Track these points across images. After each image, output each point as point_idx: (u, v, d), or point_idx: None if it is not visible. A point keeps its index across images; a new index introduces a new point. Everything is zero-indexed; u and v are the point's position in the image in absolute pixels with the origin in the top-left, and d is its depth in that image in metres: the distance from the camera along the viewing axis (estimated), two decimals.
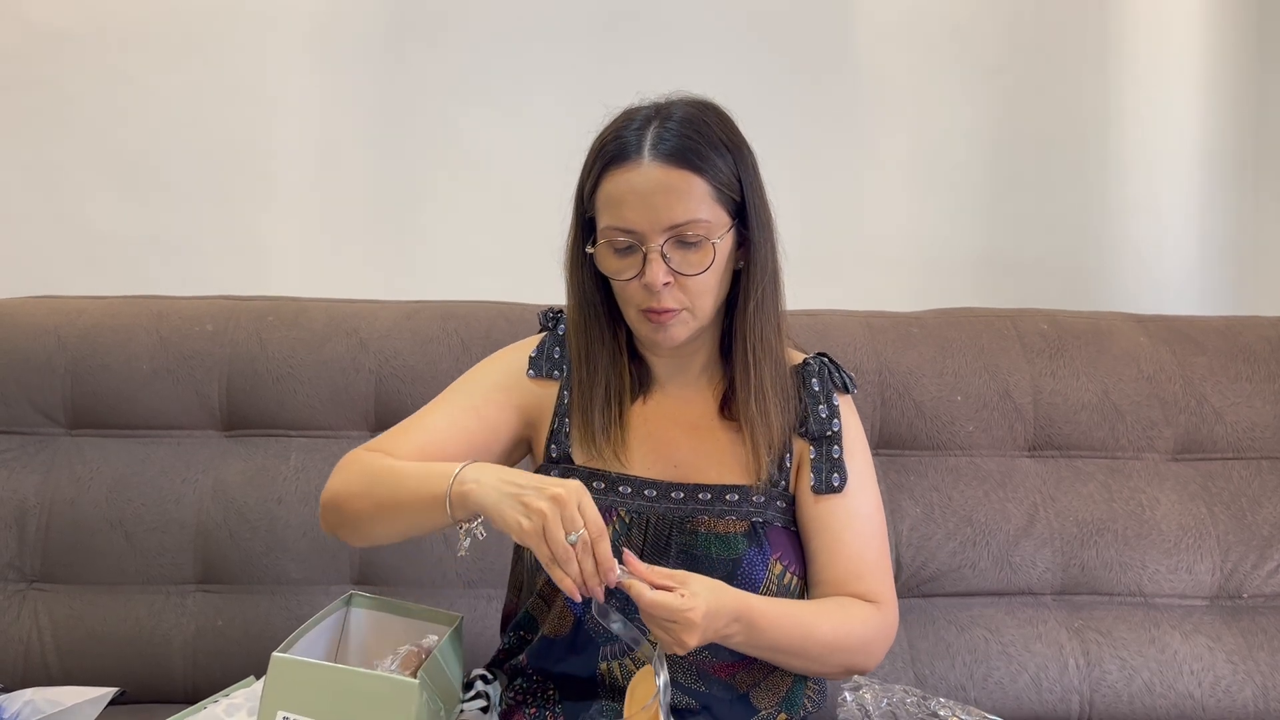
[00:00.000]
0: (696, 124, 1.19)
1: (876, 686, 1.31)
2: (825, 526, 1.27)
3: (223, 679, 1.53)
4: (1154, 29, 2.28)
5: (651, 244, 1.17)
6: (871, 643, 1.24)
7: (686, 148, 1.17)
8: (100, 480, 1.67)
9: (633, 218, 1.17)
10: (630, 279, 1.19)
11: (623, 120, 1.21)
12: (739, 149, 1.22)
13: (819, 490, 1.27)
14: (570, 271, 1.27)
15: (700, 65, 2.19)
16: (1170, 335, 1.83)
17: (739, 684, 1.25)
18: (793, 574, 1.26)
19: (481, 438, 1.29)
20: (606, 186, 1.19)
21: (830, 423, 1.29)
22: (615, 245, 1.19)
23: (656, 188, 1.16)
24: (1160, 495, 1.73)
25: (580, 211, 1.24)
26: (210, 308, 1.77)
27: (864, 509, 1.29)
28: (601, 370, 1.27)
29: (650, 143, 1.17)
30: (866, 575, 1.26)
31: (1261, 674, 1.64)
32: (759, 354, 1.24)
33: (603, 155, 1.19)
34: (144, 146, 2.15)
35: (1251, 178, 2.30)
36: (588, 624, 1.22)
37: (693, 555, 1.22)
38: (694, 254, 1.18)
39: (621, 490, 1.26)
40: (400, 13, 2.17)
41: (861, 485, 1.29)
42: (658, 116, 1.20)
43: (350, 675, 1.11)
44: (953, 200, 2.27)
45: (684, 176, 1.16)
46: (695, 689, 1.23)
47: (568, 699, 1.25)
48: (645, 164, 1.16)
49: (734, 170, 1.20)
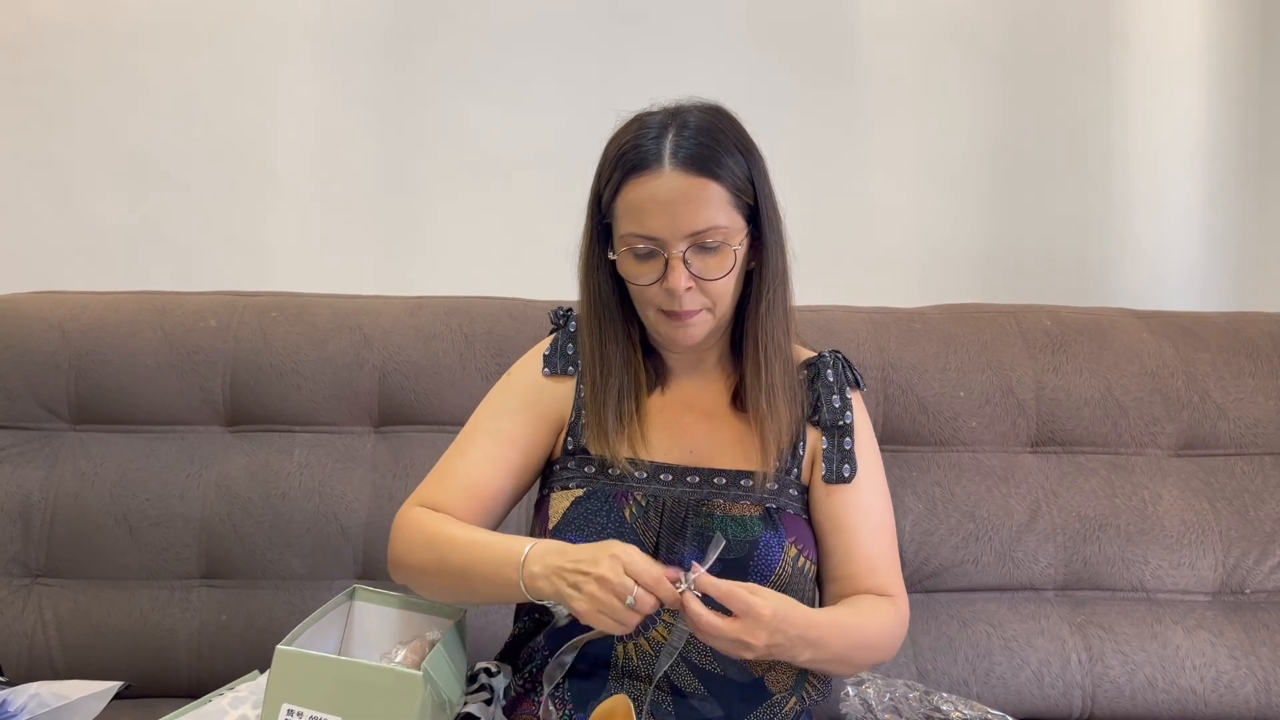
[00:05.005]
0: (712, 130, 1.22)
1: (879, 681, 1.32)
2: (839, 523, 1.31)
3: (227, 673, 1.54)
4: (1156, 26, 2.28)
5: (673, 250, 1.20)
6: (893, 636, 1.29)
7: (705, 155, 1.20)
8: (104, 475, 1.67)
9: (654, 225, 1.19)
10: (651, 284, 1.22)
11: (638, 127, 1.23)
12: (751, 153, 1.24)
13: (830, 480, 1.31)
14: (585, 275, 1.30)
15: (704, 64, 2.20)
16: (1173, 331, 1.83)
17: (754, 668, 1.26)
18: (806, 558, 1.28)
19: (520, 463, 1.33)
20: (627, 195, 1.21)
21: (843, 414, 1.34)
22: (636, 251, 1.22)
23: (677, 195, 1.19)
24: (1163, 491, 1.73)
25: (597, 217, 1.26)
26: (214, 303, 1.77)
27: (875, 504, 1.33)
28: (615, 372, 1.30)
29: (669, 151, 1.19)
30: (880, 570, 1.30)
31: (1264, 669, 1.64)
32: (770, 353, 1.28)
33: (622, 164, 1.21)
34: (148, 142, 2.15)
35: (1254, 173, 2.30)
36: None
37: (707, 538, 1.24)
38: (714, 258, 1.21)
39: (637, 475, 1.28)
40: (404, 10, 2.17)
41: (872, 481, 1.33)
42: (673, 123, 1.22)
43: (354, 667, 1.11)
44: (956, 196, 2.27)
45: (703, 184, 1.19)
46: (711, 670, 1.24)
47: (578, 683, 1.25)
48: (666, 172, 1.19)
49: (748, 174, 1.23)
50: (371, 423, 1.74)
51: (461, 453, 1.32)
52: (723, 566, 1.22)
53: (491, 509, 1.30)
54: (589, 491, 1.28)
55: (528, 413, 1.34)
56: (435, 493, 1.30)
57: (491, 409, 1.36)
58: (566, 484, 1.30)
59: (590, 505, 1.27)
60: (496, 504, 1.31)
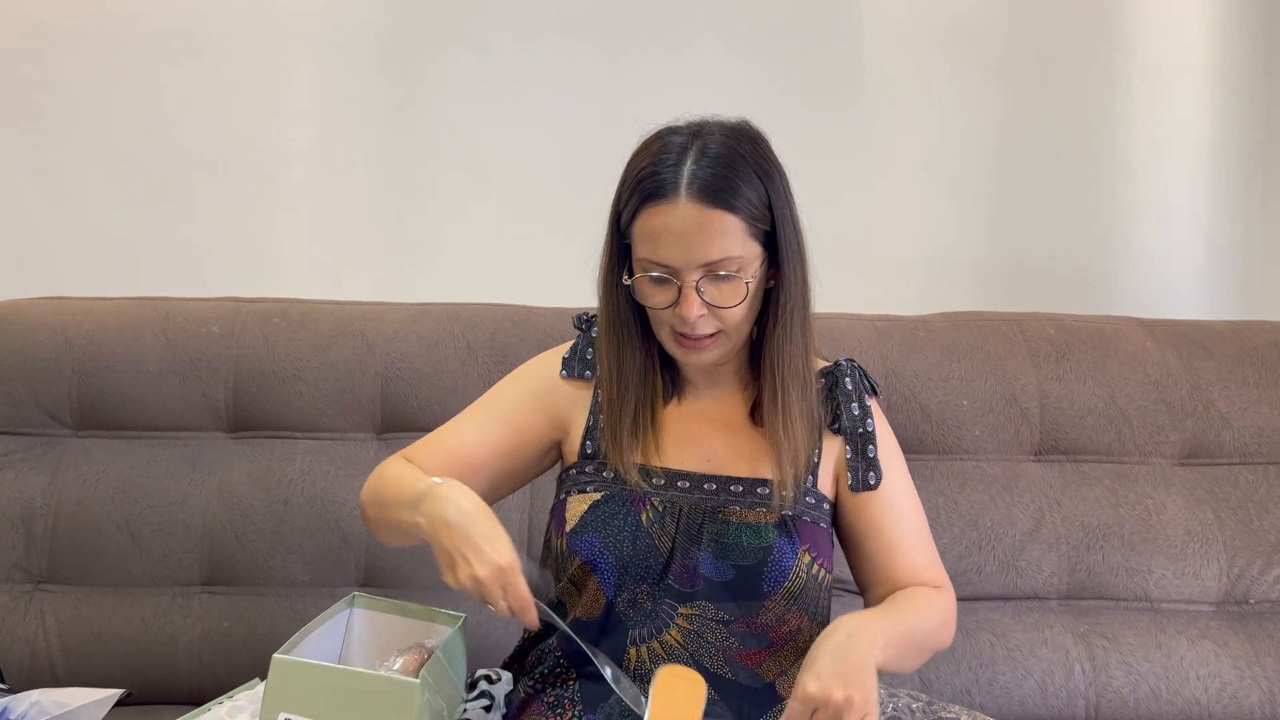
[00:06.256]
0: (730, 159, 1.21)
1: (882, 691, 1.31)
2: (875, 529, 1.33)
3: (229, 680, 1.54)
4: (1161, 32, 2.27)
5: (687, 279, 1.20)
6: (948, 624, 1.32)
7: (721, 187, 1.19)
8: (106, 481, 1.68)
9: (668, 254, 1.20)
10: (665, 308, 1.23)
11: (659, 149, 1.22)
12: (771, 177, 1.24)
13: (856, 489, 1.33)
14: (604, 291, 1.31)
15: (707, 70, 2.20)
16: (1177, 339, 1.82)
17: (765, 672, 1.26)
18: (820, 565, 1.28)
19: (510, 445, 1.34)
20: (643, 221, 1.21)
21: (864, 421, 1.34)
22: (651, 276, 1.23)
23: (691, 227, 1.19)
24: (1167, 500, 1.73)
25: (616, 236, 1.27)
26: (216, 309, 1.78)
27: (906, 503, 1.35)
28: (632, 387, 1.31)
29: (686, 181, 1.19)
30: (925, 566, 1.33)
31: (1268, 679, 1.63)
32: (787, 378, 1.28)
33: (640, 190, 1.21)
34: (152, 148, 2.16)
35: (1259, 181, 2.29)
36: (618, 608, 1.25)
37: (724, 544, 1.25)
38: (728, 286, 1.22)
39: (654, 482, 1.29)
40: (407, 16, 2.17)
41: (900, 482, 1.36)
42: (693, 147, 1.21)
43: (351, 676, 1.11)
44: (959, 204, 2.27)
45: (718, 216, 1.19)
46: (720, 674, 1.24)
47: (589, 685, 1.25)
48: (681, 204, 1.19)
49: (765, 200, 1.22)
50: (374, 429, 1.74)
51: (454, 423, 1.36)
52: (736, 573, 1.24)
53: (469, 479, 1.27)
54: (606, 496, 1.28)
55: (531, 401, 1.36)
56: (418, 451, 1.34)
57: (496, 392, 1.39)
58: (584, 488, 1.30)
59: (607, 509, 1.27)
60: (475, 475, 1.30)
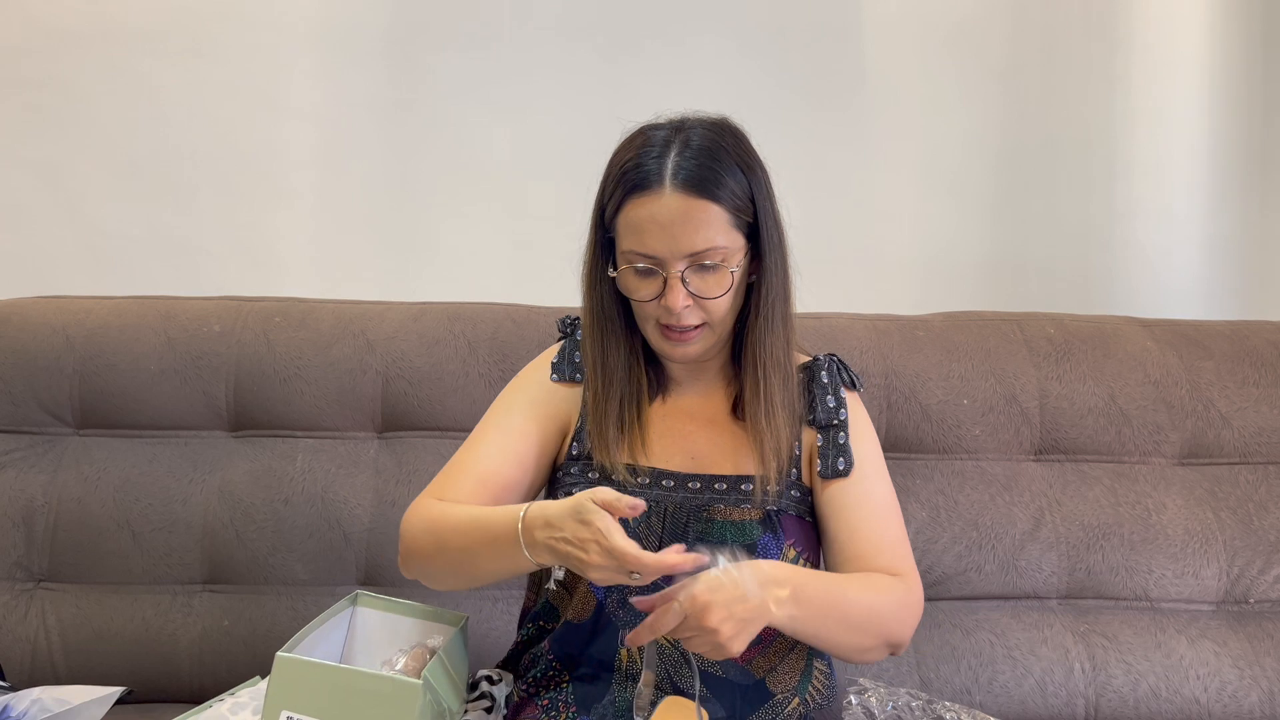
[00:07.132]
0: (714, 150, 1.23)
1: (882, 690, 1.31)
2: (840, 510, 1.31)
3: (229, 679, 1.54)
4: (1161, 32, 2.27)
5: (672, 270, 1.22)
6: (901, 609, 1.26)
7: (705, 177, 1.21)
8: (107, 480, 1.68)
9: (653, 245, 1.21)
10: (650, 300, 1.24)
11: (641, 143, 1.24)
12: (753, 170, 1.25)
13: (826, 475, 1.32)
14: (587, 286, 1.31)
15: (707, 71, 2.20)
16: (1177, 339, 1.82)
17: (756, 669, 1.26)
18: (806, 560, 1.29)
19: (531, 455, 1.34)
20: (628, 213, 1.22)
21: (837, 412, 1.35)
22: (636, 268, 1.24)
23: (676, 217, 1.20)
24: (1166, 500, 1.73)
25: (600, 230, 1.28)
26: (217, 308, 1.78)
27: (877, 492, 1.33)
28: (617, 381, 1.32)
29: (670, 171, 1.21)
30: (886, 551, 1.29)
31: (1268, 679, 1.64)
32: (769, 369, 1.29)
33: (624, 182, 1.22)
34: (152, 147, 2.16)
35: (1258, 181, 2.29)
36: (608, 609, 1.26)
37: (709, 542, 1.25)
38: (712, 277, 1.23)
39: (639, 480, 1.30)
40: (410, 18, 2.17)
41: (873, 471, 1.34)
42: (676, 140, 1.23)
43: (353, 675, 1.11)
44: (959, 204, 2.27)
45: (703, 205, 1.21)
46: (712, 673, 1.25)
47: (582, 686, 1.26)
48: (666, 194, 1.20)
49: (748, 193, 1.24)
50: (374, 428, 1.74)
51: (472, 448, 1.34)
52: None
53: (502, 500, 1.29)
54: None
55: (537, 410, 1.36)
56: (445, 486, 1.31)
57: (503, 407, 1.38)
58: (570, 489, 1.31)
59: None
60: (508, 494, 1.31)
